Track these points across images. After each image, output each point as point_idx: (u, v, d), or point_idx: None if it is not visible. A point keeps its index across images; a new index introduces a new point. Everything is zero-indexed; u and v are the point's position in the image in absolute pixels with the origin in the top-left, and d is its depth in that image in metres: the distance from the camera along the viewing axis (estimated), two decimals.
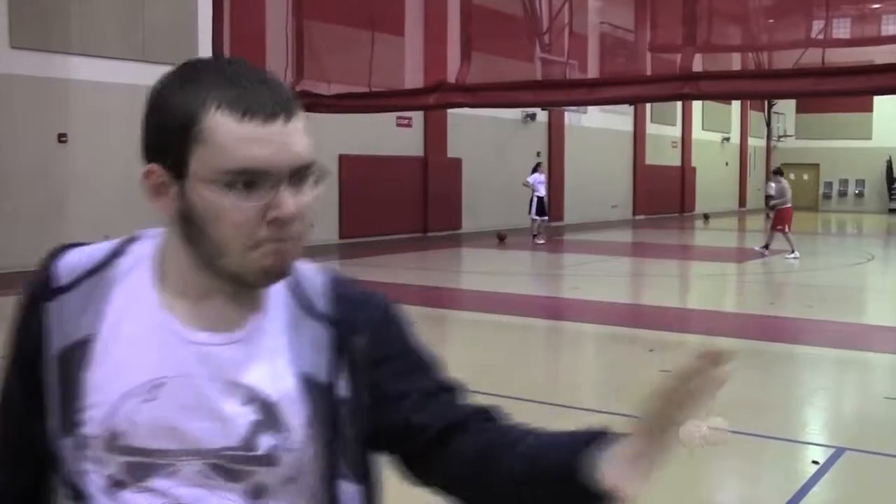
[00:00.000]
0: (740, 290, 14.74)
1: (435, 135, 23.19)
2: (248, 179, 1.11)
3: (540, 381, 7.56)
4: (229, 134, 1.11)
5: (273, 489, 1.21)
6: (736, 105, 40.21)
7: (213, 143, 1.12)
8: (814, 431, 6.41)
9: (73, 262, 1.25)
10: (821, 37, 11.18)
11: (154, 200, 1.18)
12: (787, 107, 41.62)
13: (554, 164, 27.88)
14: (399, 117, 21.42)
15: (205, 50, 14.62)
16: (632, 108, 29.37)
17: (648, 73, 12.63)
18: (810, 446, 5.90)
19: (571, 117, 27.17)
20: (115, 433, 1.18)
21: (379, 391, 1.27)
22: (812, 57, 10.63)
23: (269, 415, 1.20)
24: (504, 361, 8.36)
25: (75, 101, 14.96)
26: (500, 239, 21.42)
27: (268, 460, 1.19)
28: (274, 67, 12.93)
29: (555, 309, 12.12)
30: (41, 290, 1.23)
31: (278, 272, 1.18)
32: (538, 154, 26.09)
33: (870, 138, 41.45)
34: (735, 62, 15.71)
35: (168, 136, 1.14)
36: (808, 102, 38.50)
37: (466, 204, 24.37)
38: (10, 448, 1.28)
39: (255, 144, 1.11)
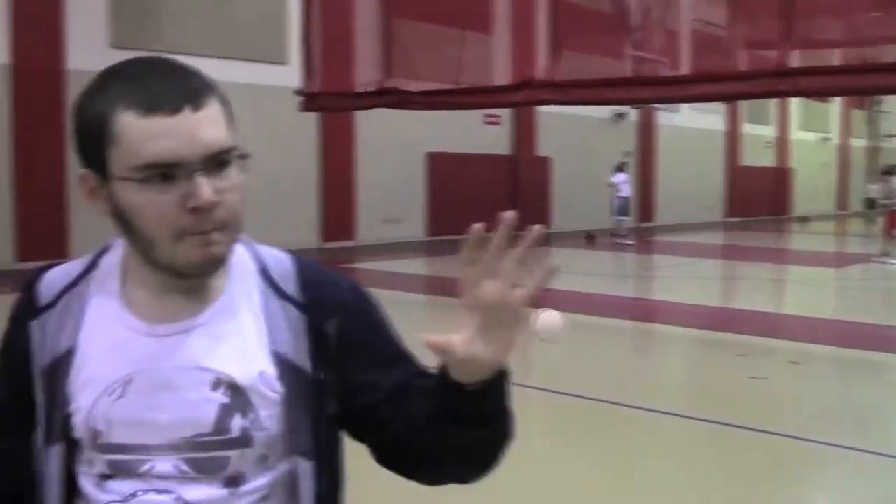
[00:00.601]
0: (840, 296, 14.18)
1: (524, 133, 23.03)
2: (163, 172, 1.15)
3: (627, 384, 7.35)
4: (135, 131, 1.15)
5: (248, 473, 1.25)
6: (836, 103, 38.82)
7: (122, 142, 1.16)
8: None
9: (53, 280, 1.33)
10: None
11: (91, 203, 1.24)
12: (894, 104, 39.92)
13: (645, 164, 27.43)
14: (487, 115, 21.31)
15: (294, 48, 14.77)
16: (725, 106, 28.66)
17: (743, 70, 12.24)
18: None
19: (663, 116, 26.65)
20: (95, 432, 1.24)
21: (350, 378, 1.31)
22: None
23: (238, 397, 1.24)
24: (589, 363, 8.17)
25: None
26: (589, 239, 21.12)
27: (242, 442, 1.23)
28: (363, 65, 13.00)
29: (643, 311, 11.84)
30: (25, 309, 1.32)
31: (209, 263, 1.22)
32: (626, 153, 25.62)
33: None
34: (836, 59, 15.11)
35: (88, 141, 1.20)
36: None
37: (555, 203, 24.12)
38: None
39: (161, 138, 1.14)
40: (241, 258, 1.33)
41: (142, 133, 1.14)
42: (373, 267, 15.47)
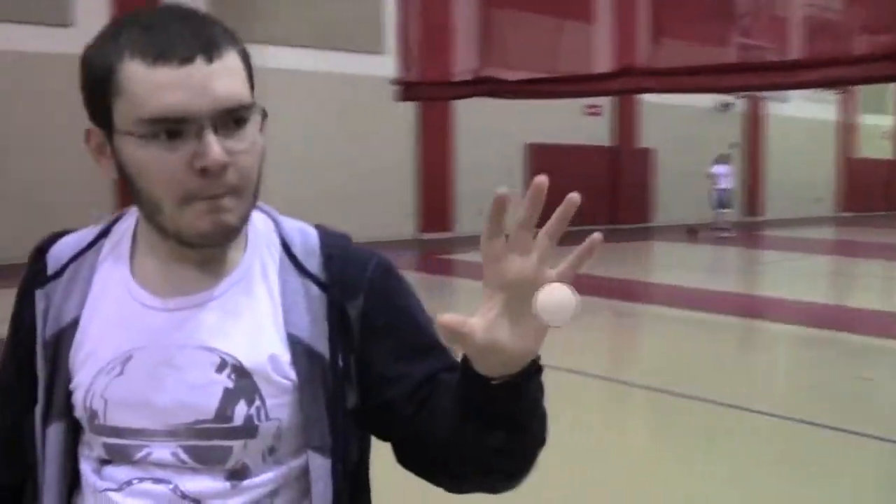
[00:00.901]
0: None
1: (626, 124, 22.61)
2: (170, 128, 1.04)
3: (728, 382, 7.03)
4: (141, 81, 1.04)
5: (254, 466, 1.14)
6: None
7: (127, 93, 1.05)
8: None
9: (63, 248, 1.23)
10: None
11: (98, 163, 1.14)
12: None
13: (752, 156, 26.62)
14: (588, 106, 20.98)
15: (389, 37, 14.75)
16: (839, 96, 27.58)
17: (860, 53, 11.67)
18: None
19: (772, 106, 25.81)
20: (93, 412, 1.15)
21: (372, 368, 1.17)
22: None
23: (243, 382, 1.12)
24: (691, 359, 7.88)
25: (269, 88, 15.45)
26: (692, 233, 20.59)
27: (245, 431, 1.12)
28: (459, 53, 12.88)
29: (748, 307, 11.39)
30: (33, 277, 1.23)
31: (218, 232, 1.09)
32: (732, 145, 24.86)
33: None
34: None
35: (93, 92, 1.09)
36: None
37: (658, 196, 23.61)
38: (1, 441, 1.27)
39: (168, 89, 1.03)
40: (261, 230, 1.22)
41: (148, 84, 1.03)
42: (470, 259, 15.37)
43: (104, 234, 1.24)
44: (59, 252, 1.23)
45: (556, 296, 0.92)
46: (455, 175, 18.82)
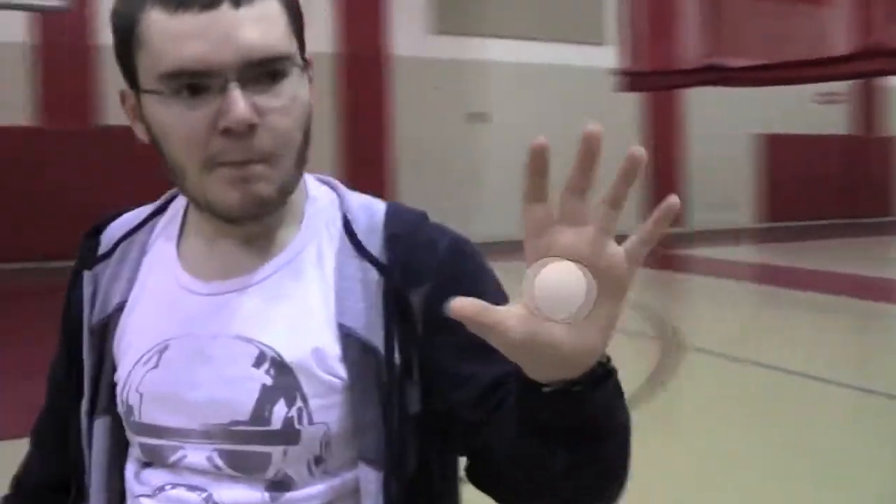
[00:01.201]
0: None
1: (868, 111, 21.21)
2: (192, 83, 0.93)
3: None
4: (161, 32, 0.94)
5: (298, 478, 1.00)
6: None
7: (148, 45, 0.95)
8: None
9: (118, 226, 1.15)
10: None
11: (134, 126, 1.04)
12: None
13: None
14: (825, 93, 19.83)
15: (611, 28, 14.58)
16: None
17: None
18: None
19: None
20: (129, 407, 1.05)
21: (433, 364, 1.00)
22: None
23: (283, 379, 0.99)
24: None
25: (491, 81, 15.60)
26: None
27: (284, 436, 0.99)
28: (686, 42, 12.54)
29: None
30: (83, 258, 1.14)
31: (248, 204, 0.97)
32: None
33: None
34: None
35: (120, 48, 1.00)
36: None
37: None
38: (53, 432, 1.19)
39: (189, 39, 0.92)
40: (323, 206, 1.09)
41: (167, 34, 0.93)
42: (700, 254, 14.97)
43: (159, 211, 1.15)
44: (114, 231, 1.15)
45: (555, 277, 0.69)
46: (684, 167, 18.34)
